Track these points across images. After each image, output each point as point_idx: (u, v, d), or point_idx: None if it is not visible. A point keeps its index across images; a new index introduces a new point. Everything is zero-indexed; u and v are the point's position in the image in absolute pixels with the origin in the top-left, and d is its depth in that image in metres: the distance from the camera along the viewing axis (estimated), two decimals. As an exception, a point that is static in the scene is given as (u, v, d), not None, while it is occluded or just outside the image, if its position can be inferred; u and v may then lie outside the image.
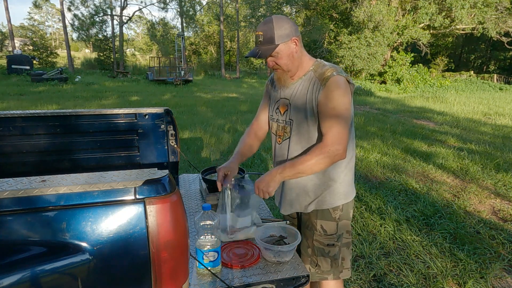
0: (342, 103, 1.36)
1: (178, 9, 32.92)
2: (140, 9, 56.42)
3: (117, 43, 30.29)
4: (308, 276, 1.31)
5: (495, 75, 26.89)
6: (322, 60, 1.50)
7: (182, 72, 20.72)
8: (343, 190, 1.52)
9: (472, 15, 20.60)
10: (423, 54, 24.25)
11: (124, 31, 33.36)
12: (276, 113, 1.58)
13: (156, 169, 0.96)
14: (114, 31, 30.71)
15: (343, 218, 1.54)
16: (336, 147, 1.34)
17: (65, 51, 29.25)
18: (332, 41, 23.71)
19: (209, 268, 1.26)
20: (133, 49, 50.14)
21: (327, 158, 1.34)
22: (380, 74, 22.69)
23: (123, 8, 30.59)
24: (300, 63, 1.46)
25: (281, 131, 1.55)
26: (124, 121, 2.08)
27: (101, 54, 30.13)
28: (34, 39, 31.67)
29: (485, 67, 32.04)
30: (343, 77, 1.38)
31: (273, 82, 1.63)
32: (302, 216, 1.63)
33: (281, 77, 1.48)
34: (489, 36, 21.41)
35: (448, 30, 22.82)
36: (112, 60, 29.95)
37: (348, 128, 1.39)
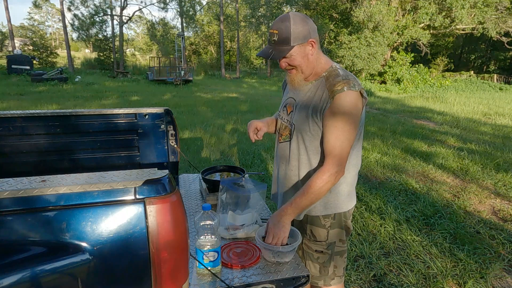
0: (348, 121, 1.29)
1: (178, 9, 32.94)
2: (140, 9, 56.33)
3: (117, 43, 30.30)
4: (308, 276, 1.31)
5: (495, 75, 26.89)
6: (337, 65, 1.40)
7: (182, 72, 20.72)
8: (335, 200, 1.46)
9: (472, 15, 20.60)
10: (423, 54, 24.24)
11: (124, 31, 33.40)
12: (283, 110, 1.55)
13: (156, 169, 0.96)
14: (114, 31, 30.72)
15: (335, 226, 1.48)
16: (336, 169, 1.32)
17: (65, 51, 29.25)
18: (332, 41, 23.71)
19: (209, 268, 1.26)
20: (133, 49, 50.17)
21: (329, 183, 1.32)
22: (380, 74, 22.68)
23: (123, 8, 30.59)
24: (315, 66, 1.38)
25: (283, 130, 1.53)
26: (124, 121, 2.08)
27: (101, 54, 30.14)
28: (34, 39, 31.65)
29: (485, 67, 32.03)
30: (355, 92, 1.28)
31: (286, 83, 1.62)
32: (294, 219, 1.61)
33: (294, 78, 1.41)
34: (489, 36, 21.40)
35: (448, 30, 22.81)
36: (112, 60, 29.96)
37: (350, 149, 1.34)
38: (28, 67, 20.10)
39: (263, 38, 32.00)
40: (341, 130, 1.30)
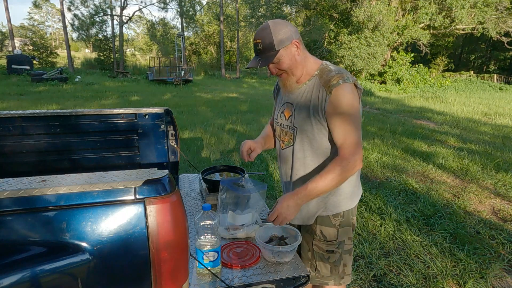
0: (352, 111, 1.33)
1: (178, 9, 32.94)
2: (140, 9, 56.34)
3: (117, 43, 30.30)
4: (308, 276, 1.31)
5: (495, 75, 26.89)
6: (327, 63, 1.43)
7: (182, 72, 20.72)
8: (344, 198, 1.48)
9: (472, 15, 20.59)
10: (423, 54, 24.25)
11: (124, 31, 33.42)
12: (281, 117, 1.55)
13: (156, 169, 0.95)
14: (114, 31, 30.73)
15: (344, 224, 1.50)
16: (354, 158, 1.32)
17: (65, 51, 29.25)
18: (332, 41, 23.70)
19: (209, 268, 1.26)
20: (133, 49, 50.17)
21: (346, 172, 1.32)
22: (380, 74, 22.68)
23: (123, 8, 30.61)
24: (305, 66, 1.40)
25: (285, 136, 1.53)
26: (124, 121, 2.08)
27: (101, 54, 30.16)
28: (34, 39, 31.66)
29: (485, 67, 32.02)
30: (350, 84, 1.33)
31: (279, 87, 1.62)
32: (303, 224, 1.60)
33: (286, 82, 1.43)
34: (489, 36, 21.40)
35: (448, 30, 22.81)
36: (112, 60, 29.96)
37: (360, 137, 1.36)
38: (28, 67, 20.10)
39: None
40: (348, 121, 1.33)
